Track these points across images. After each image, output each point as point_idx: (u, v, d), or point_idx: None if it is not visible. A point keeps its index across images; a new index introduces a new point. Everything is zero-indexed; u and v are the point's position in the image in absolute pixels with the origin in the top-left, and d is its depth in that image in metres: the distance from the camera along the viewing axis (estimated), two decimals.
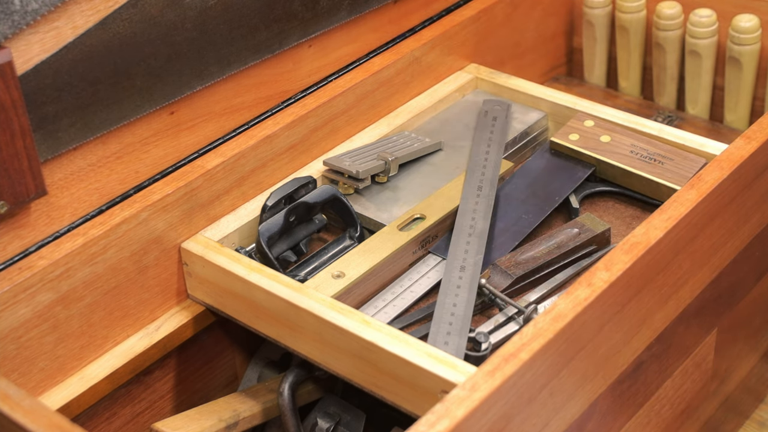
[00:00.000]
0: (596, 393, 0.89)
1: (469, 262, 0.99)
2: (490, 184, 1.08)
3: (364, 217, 1.08)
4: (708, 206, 0.94)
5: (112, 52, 0.94)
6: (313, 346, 0.95)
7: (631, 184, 1.11)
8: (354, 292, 0.99)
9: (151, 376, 1.03)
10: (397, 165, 1.12)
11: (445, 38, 1.23)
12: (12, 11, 0.86)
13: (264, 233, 1.02)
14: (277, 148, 1.08)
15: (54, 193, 0.94)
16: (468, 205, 1.05)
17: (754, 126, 1.01)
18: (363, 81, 1.15)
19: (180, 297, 1.04)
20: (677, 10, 1.30)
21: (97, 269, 0.95)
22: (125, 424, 1.02)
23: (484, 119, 1.17)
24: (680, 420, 1.07)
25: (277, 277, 0.96)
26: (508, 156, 1.17)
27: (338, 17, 1.13)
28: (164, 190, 0.99)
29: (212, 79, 1.04)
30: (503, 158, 1.15)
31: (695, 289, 0.98)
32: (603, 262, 0.87)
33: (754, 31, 1.26)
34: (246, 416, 1.01)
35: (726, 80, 1.31)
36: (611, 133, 1.13)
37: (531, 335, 0.80)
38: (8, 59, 0.84)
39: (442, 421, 0.74)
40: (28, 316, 0.91)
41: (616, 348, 0.90)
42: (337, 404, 1.05)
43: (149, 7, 0.95)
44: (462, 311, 0.94)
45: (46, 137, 0.91)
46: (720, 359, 1.10)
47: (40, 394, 0.94)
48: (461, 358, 0.89)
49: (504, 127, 1.16)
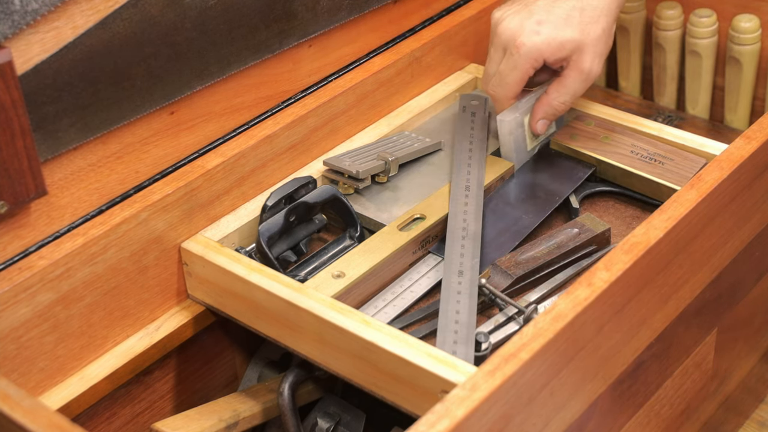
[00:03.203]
0: (596, 393, 0.89)
1: (466, 266, 0.98)
2: (477, 183, 1.07)
3: (364, 217, 1.08)
4: (708, 206, 0.94)
5: (112, 52, 0.94)
6: (313, 346, 0.95)
7: (631, 185, 1.11)
8: (354, 292, 0.99)
9: (151, 376, 1.03)
10: (397, 165, 1.12)
11: (445, 38, 1.23)
12: (12, 11, 0.86)
13: (264, 233, 1.02)
14: (277, 148, 1.08)
15: (54, 193, 0.94)
16: (457, 206, 1.05)
17: (754, 126, 1.01)
18: (363, 81, 1.15)
19: (180, 297, 1.04)
20: (677, 10, 1.30)
21: (97, 269, 0.95)
22: (125, 424, 1.02)
23: (463, 116, 1.17)
24: (680, 420, 1.07)
25: (277, 277, 0.96)
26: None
27: (338, 17, 1.13)
28: (164, 190, 0.99)
29: (212, 79, 1.04)
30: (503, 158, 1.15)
31: (695, 289, 0.98)
32: (603, 262, 0.87)
33: (754, 31, 1.26)
34: (246, 416, 1.01)
35: (726, 80, 1.31)
36: (612, 133, 1.14)
37: (531, 335, 0.80)
38: (8, 59, 0.84)
39: (442, 421, 0.74)
40: (28, 316, 0.91)
41: (616, 348, 0.90)
42: (337, 404, 1.05)
43: (149, 7, 0.95)
44: (465, 318, 0.93)
45: (46, 137, 0.91)
46: (720, 359, 1.10)
47: (40, 394, 0.94)
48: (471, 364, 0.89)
49: (484, 122, 1.16)
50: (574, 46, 1.06)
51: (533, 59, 1.06)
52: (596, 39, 1.06)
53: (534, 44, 1.05)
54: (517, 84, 1.08)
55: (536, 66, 1.07)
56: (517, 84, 1.08)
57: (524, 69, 1.07)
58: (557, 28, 1.06)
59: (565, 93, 1.09)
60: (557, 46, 1.06)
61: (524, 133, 1.12)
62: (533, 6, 1.07)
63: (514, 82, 1.08)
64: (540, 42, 1.05)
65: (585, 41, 1.06)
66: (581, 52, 1.06)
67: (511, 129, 1.10)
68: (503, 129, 1.10)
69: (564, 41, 1.06)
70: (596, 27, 1.06)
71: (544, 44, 1.05)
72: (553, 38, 1.05)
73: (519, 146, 1.12)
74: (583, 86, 1.09)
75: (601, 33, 1.07)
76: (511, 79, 1.08)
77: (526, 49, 1.06)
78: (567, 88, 1.09)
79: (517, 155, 1.12)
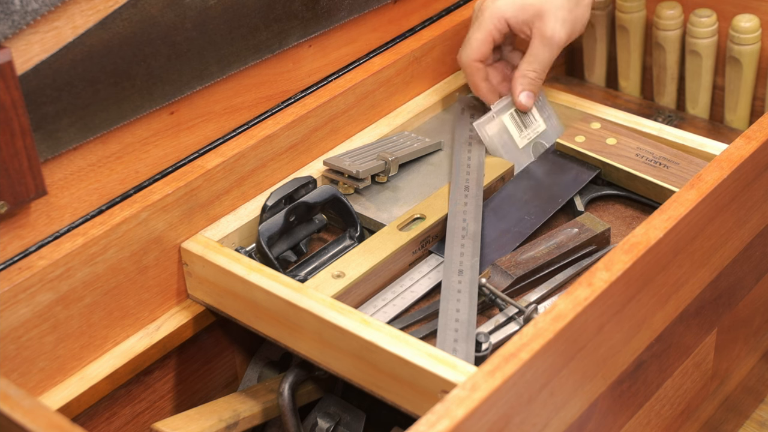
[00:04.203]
0: (596, 393, 0.89)
1: (465, 265, 0.98)
2: (476, 183, 1.07)
3: (364, 217, 1.08)
4: (708, 206, 0.94)
5: (112, 52, 0.94)
6: (313, 346, 0.95)
7: (636, 188, 1.10)
8: (354, 292, 0.99)
9: (151, 376, 1.03)
10: (397, 165, 1.12)
11: (445, 38, 1.23)
12: (12, 11, 0.86)
13: (264, 233, 1.02)
14: (277, 148, 1.08)
15: (54, 193, 0.94)
16: (457, 206, 1.05)
17: (754, 126, 1.01)
18: (363, 81, 1.15)
19: (180, 297, 1.04)
20: (677, 10, 1.30)
21: (97, 269, 0.95)
22: (125, 424, 1.02)
23: (461, 116, 1.17)
24: (680, 420, 1.07)
25: (277, 277, 0.96)
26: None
27: (338, 17, 1.13)
28: (164, 190, 0.99)
29: (212, 79, 1.04)
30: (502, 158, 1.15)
31: (695, 289, 0.98)
32: (603, 262, 0.87)
33: (754, 31, 1.26)
34: (246, 416, 1.01)
35: (726, 80, 1.31)
36: (617, 135, 1.13)
37: (531, 335, 0.80)
38: (8, 59, 0.84)
39: (442, 421, 0.74)
40: (28, 316, 0.91)
41: (616, 348, 0.90)
42: (337, 404, 1.05)
43: (149, 7, 0.95)
44: (466, 317, 0.93)
45: (46, 137, 0.91)
46: (720, 359, 1.10)
47: (40, 394, 0.94)
48: (471, 364, 0.89)
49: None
50: (535, 11, 1.10)
51: (496, 19, 1.11)
52: (558, 5, 1.10)
53: (496, 6, 1.11)
54: (480, 44, 1.12)
55: (500, 28, 1.12)
56: (480, 44, 1.12)
57: (487, 29, 1.12)
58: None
59: (533, 61, 1.12)
60: (518, 7, 1.10)
61: (508, 131, 1.14)
62: None
63: (477, 42, 1.12)
64: (502, 3, 1.11)
65: (546, 6, 1.10)
66: (542, 18, 1.10)
67: (490, 131, 1.13)
68: (481, 132, 1.13)
69: (525, 4, 1.10)
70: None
71: (506, 6, 1.11)
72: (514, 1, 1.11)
73: (507, 146, 1.14)
74: (550, 53, 1.12)
75: (565, 1, 1.10)
76: (474, 39, 1.13)
77: (489, 11, 1.12)
78: (534, 56, 1.12)
79: (509, 155, 1.13)
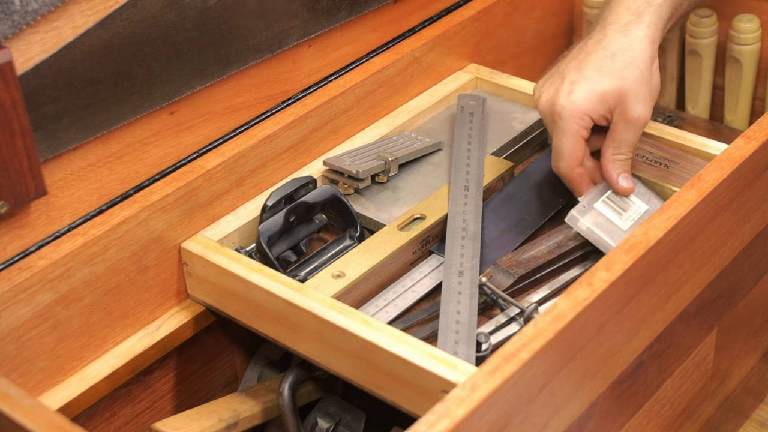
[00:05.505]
0: (596, 393, 0.89)
1: (466, 266, 0.98)
2: (476, 183, 1.07)
3: (364, 217, 1.08)
4: (708, 206, 0.94)
5: (112, 52, 0.94)
6: (313, 346, 0.95)
7: None
8: (354, 292, 0.99)
9: (151, 376, 1.03)
10: (397, 165, 1.12)
11: (445, 38, 1.23)
12: (12, 11, 0.86)
13: (264, 233, 1.02)
14: (277, 148, 1.08)
15: (54, 193, 0.94)
16: (457, 206, 1.05)
17: (754, 126, 1.01)
18: (363, 81, 1.15)
19: (180, 297, 1.04)
20: None
21: (97, 269, 0.95)
22: (125, 424, 1.02)
23: (461, 116, 1.17)
24: (680, 420, 1.07)
25: (277, 277, 0.96)
26: (508, 156, 1.17)
27: (338, 17, 1.13)
28: (164, 190, 0.99)
29: (212, 79, 1.04)
30: (503, 158, 1.15)
31: (695, 289, 0.98)
32: (603, 262, 0.87)
33: (754, 31, 1.26)
34: (246, 416, 1.01)
35: (726, 80, 1.31)
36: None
37: (531, 335, 0.80)
38: (8, 59, 0.84)
39: (442, 421, 0.74)
40: (28, 316, 0.91)
41: (616, 348, 0.90)
42: (337, 404, 1.05)
43: (149, 7, 0.95)
44: (466, 318, 0.93)
45: (46, 137, 0.91)
46: (720, 359, 1.10)
47: (40, 394, 0.94)
48: (472, 364, 0.89)
49: (482, 122, 1.16)
50: (616, 96, 1.00)
51: (578, 118, 1.00)
52: (636, 82, 1.00)
53: (572, 104, 1.00)
54: (574, 149, 1.02)
55: (584, 125, 1.01)
56: (573, 150, 1.02)
57: (573, 132, 1.01)
58: (592, 83, 1.00)
59: (618, 146, 1.02)
60: (597, 99, 1.00)
61: (607, 217, 1.03)
62: (564, 71, 1.03)
63: (570, 149, 1.02)
64: (578, 100, 1.00)
65: (624, 88, 1.00)
66: (624, 102, 1.00)
67: (587, 222, 1.02)
68: (576, 226, 1.02)
69: (603, 93, 1.00)
70: (633, 70, 1.00)
71: (584, 101, 1.00)
72: (591, 92, 1.00)
73: (612, 233, 1.03)
74: (635, 134, 1.02)
75: (639, 75, 1.00)
76: (566, 148, 1.02)
77: (566, 111, 1.00)
78: (620, 141, 1.02)
79: (615, 241, 1.02)
